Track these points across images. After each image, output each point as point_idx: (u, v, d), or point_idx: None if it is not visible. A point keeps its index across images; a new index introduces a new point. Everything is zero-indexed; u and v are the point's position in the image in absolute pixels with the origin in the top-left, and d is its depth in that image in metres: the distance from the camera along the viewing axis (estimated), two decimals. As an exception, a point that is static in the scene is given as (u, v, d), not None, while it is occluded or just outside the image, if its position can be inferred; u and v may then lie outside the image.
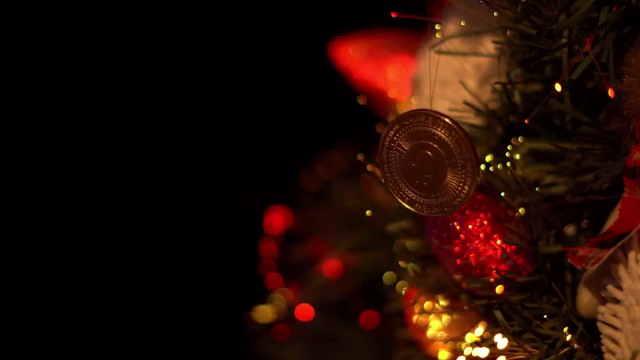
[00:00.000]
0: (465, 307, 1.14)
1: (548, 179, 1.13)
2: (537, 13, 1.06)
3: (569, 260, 1.04)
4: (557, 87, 1.04)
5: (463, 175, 1.03)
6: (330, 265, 1.65)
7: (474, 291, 1.13)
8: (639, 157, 1.02)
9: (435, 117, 1.03)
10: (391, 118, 1.15)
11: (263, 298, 1.71)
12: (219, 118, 2.07)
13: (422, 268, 1.20)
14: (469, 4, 1.15)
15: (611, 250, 1.01)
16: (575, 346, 1.07)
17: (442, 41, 1.15)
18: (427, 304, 1.20)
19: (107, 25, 2.06)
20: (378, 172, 1.08)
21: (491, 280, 1.11)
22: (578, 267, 1.03)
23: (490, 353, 1.09)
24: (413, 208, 1.07)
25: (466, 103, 1.17)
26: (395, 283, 1.39)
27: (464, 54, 1.19)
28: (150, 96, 2.07)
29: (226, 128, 2.06)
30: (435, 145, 1.04)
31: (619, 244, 1.01)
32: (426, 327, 1.23)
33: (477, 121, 1.17)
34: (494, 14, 1.09)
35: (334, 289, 1.65)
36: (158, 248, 2.05)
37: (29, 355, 2.06)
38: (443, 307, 1.18)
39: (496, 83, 1.13)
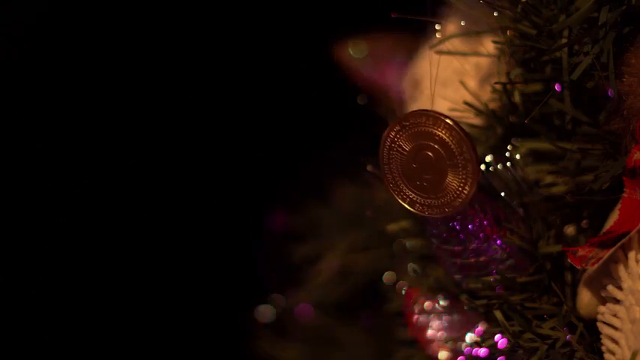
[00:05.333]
0: (465, 307, 1.14)
1: (548, 179, 1.13)
2: (537, 13, 1.06)
3: (569, 260, 1.04)
4: (557, 87, 1.04)
5: (464, 176, 1.03)
6: (330, 265, 1.65)
7: (473, 291, 1.13)
8: (639, 157, 1.02)
9: (435, 117, 1.03)
10: (392, 118, 1.15)
11: (263, 298, 1.71)
12: (219, 117, 2.07)
13: (422, 268, 1.20)
14: (469, 4, 1.15)
15: (611, 250, 1.01)
16: (575, 346, 1.07)
17: (442, 41, 1.15)
18: (427, 304, 1.20)
19: (107, 25, 2.06)
20: (379, 173, 1.08)
21: (491, 280, 1.11)
22: (578, 267, 1.03)
23: (490, 353, 1.09)
24: (413, 209, 1.06)
25: (466, 103, 1.17)
26: (395, 283, 1.39)
27: (464, 54, 1.19)
28: (149, 96, 2.07)
29: (226, 128, 2.06)
30: (436, 146, 1.04)
31: (619, 244, 1.01)
32: (426, 327, 1.23)
33: (477, 121, 1.17)
34: (494, 14, 1.09)
35: (334, 289, 1.65)
36: (157, 248, 2.05)
37: (29, 355, 2.07)
38: (443, 307, 1.18)
39: (496, 83, 1.13)
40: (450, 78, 1.24)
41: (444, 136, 1.03)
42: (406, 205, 1.06)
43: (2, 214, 2.04)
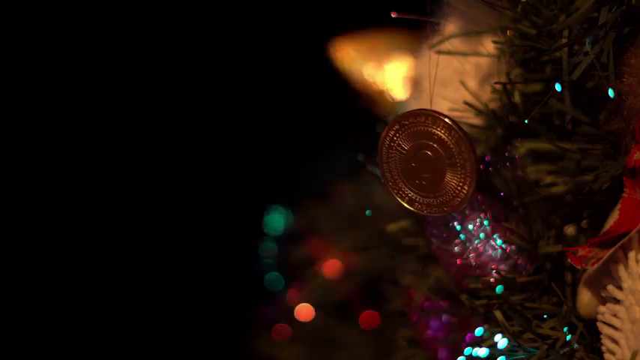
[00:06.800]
0: (465, 307, 1.14)
1: (548, 179, 1.13)
2: (537, 13, 1.06)
3: (569, 260, 1.04)
4: (557, 87, 1.04)
5: (462, 175, 1.03)
6: (330, 265, 1.65)
7: (473, 291, 1.13)
8: (639, 157, 1.02)
9: (434, 117, 1.03)
10: (391, 118, 1.15)
11: (263, 298, 1.71)
12: (220, 117, 2.07)
13: (422, 268, 1.20)
14: (469, 4, 1.15)
15: (611, 250, 1.01)
16: (575, 346, 1.07)
17: (442, 41, 1.15)
18: (427, 304, 1.20)
19: (107, 26, 2.06)
20: (378, 172, 1.08)
21: (491, 280, 1.11)
22: (578, 267, 1.03)
23: (490, 353, 1.09)
24: (413, 207, 1.07)
25: (466, 103, 1.17)
26: (395, 283, 1.39)
27: (464, 54, 1.19)
28: (150, 96, 2.07)
29: (226, 128, 2.06)
30: (435, 145, 1.04)
31: (619, 244, 1.01)
32: (425, 327, 1.23)
33: (477, 121, 1.17)
34: (494, 14, 1.09)
35: (334, 289, 1.65)
36: (158, 248, 2.05)
37: (29, 355, 2.07)
38: (443, 307, 1.18)
39: (496, 83, 1.13)
40: (450, 78, 1.24)
41: (443, 136, 1.03)
42: (405, 204, 1.07)
43: (2, 214, 2.04)
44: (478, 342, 1.12)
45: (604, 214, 1.09)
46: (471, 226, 1.11)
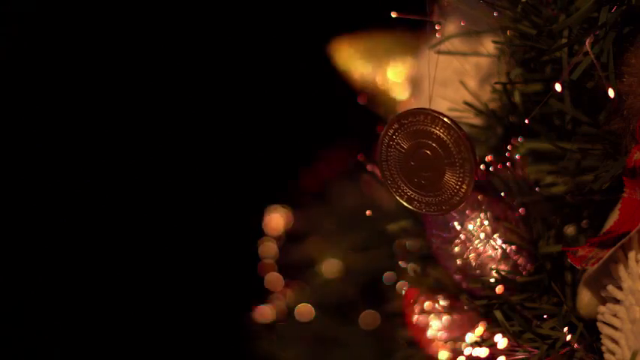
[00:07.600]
0: (465, 307, 1.14)
1: (548, 179, 1.13)
2: (537, 13, 1.06)
3: (569, 260, 1.05)
4: (557, 87, 1.04)
5: (461, 174, 1.03)
6: (330, 265, 1.65)
7: (473, 291, 1.13)
8: (639, 157, 1.02)
9: (433, 116, 1.03)
10: (390, 117, 1.15)
11: (263, 298, 1.71)
12: (219, 117, 2.07)
13: (422, 268, 1.20)
14: (469, 4, 1.15)
15: (611, 250, 1.01)
16: (575, 346, 1.07)
17: (442, 41, 1.15)
18: (427, 304, 1.20)
19: (107, 26, 2.06)
20: (377, 171, 1.09)
21: (491, 280, 1.11)
22: (578, 267, 1.03)
23: (490, 353, 1.09)
24: (411, 206, 1.07)
25: (466, 103, 1.17)
26: (395, 283, 1.39)
27: (464, 54, 1.19)
28: (150, 96, 2.07)
29: (226, 128, 2.06)
30: (434, 144, 1.04)
31: (619, 244, 1.01)
32: (426, 327, 1.23)
33: (477, 121, 1.17)
34: (494, 14, 1.09)
35: (334, 289, 1.65)
36: (158, 248, 2.05)
37: (29, 355, 2.07)
38: (443, 307, 1.18)
39: (496, 83, 1.13)
40: (450, 78, 1.24)
41: (442, 135, 1.03)
42: (404, 203, 1.07)
43: (2, 214, 2.04)
44: (478, 342, 1.12)
45: (604, 214, 1.09)
46: (471, 226, 1.11)
